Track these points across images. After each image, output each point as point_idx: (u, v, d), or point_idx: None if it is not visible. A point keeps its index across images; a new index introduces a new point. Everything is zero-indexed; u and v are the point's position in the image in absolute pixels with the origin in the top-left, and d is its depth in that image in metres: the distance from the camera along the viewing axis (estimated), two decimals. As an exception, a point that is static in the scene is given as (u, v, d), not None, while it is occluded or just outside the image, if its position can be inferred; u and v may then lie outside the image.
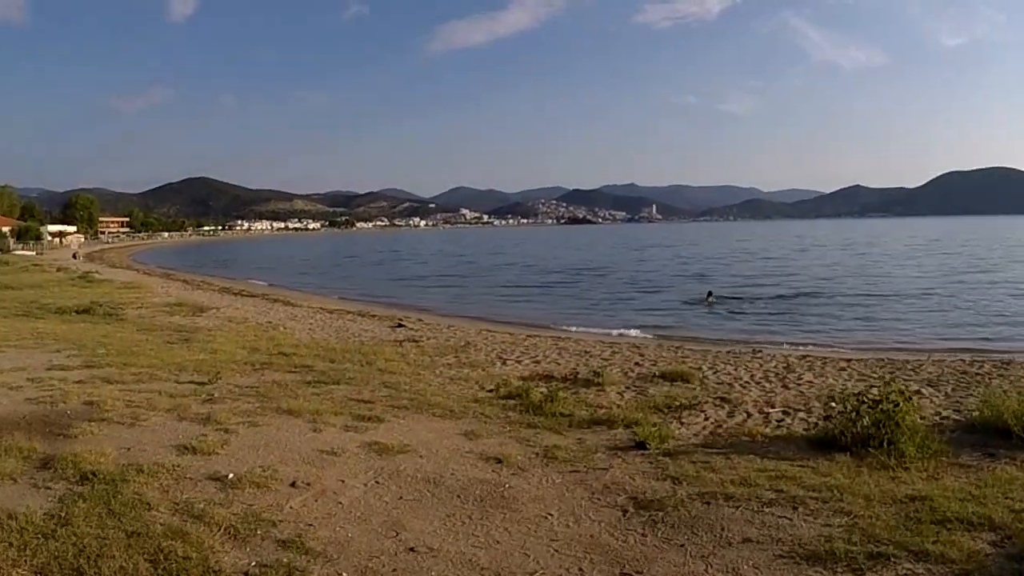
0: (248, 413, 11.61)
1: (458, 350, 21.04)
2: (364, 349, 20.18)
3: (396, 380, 15.45)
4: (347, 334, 24.70)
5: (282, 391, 13.65)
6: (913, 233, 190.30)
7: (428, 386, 14.98)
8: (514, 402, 13.24)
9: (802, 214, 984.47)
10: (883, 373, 17.70)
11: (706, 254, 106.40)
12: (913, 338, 28.45)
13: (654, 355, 20.93)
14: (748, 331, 30.33)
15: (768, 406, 13.62)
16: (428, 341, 22.96)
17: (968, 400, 14.25)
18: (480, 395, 14.19)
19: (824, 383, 16.23)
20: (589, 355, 20.76)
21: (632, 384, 15.92)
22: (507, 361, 19.28)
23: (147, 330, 23.44)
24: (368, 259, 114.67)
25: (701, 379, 16.48)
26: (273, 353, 18.70)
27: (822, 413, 12.73)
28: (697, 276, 62.06)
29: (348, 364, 17.41)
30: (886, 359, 20.73)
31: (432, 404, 12.89)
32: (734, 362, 19.42)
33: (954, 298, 41.82)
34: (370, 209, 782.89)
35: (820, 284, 51.36)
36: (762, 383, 16.21)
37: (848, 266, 70.53)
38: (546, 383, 15.50)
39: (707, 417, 12.68)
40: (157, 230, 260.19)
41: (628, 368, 18.28)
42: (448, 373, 16.95)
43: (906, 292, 45.33)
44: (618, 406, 13.28)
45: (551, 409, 12.39)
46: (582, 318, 35.24)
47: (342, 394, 13.62)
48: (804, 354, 21.65)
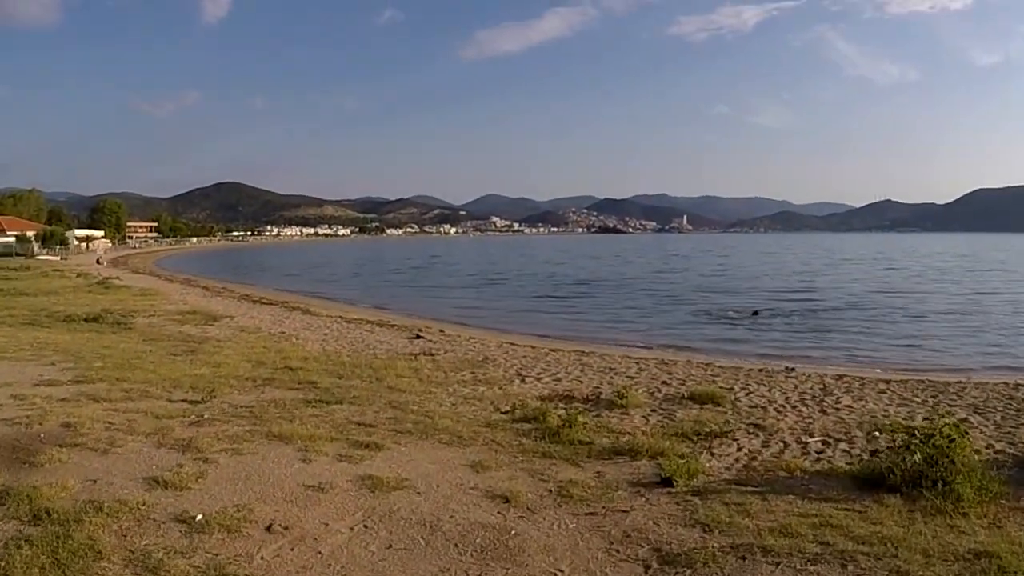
0: (234, 438, 10.77)
1: (475, 365, 19.99)
2: (375, 364, 19.19)
3: (404, 399, 14.52)
4: (361, 346, 23.79)
5: (278, 412, 12.83)
6: (944, 249, 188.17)
7: (438, 406, 13.98)
8: (530, 426, 12.27)
9: (832, 227, 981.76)
10: (926, 397, 16.68)
11: (737, 265, 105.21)
12: (950, 358, 27.43)
13: (683, 373, 19.86)
14: (781, 347, 29.30)
15: (806, 435, 12.51)
16: (445, 355, 21.94)
17: (1021, 431, 13.19)
18: (493, 418, 13.15)
19: (864, 408, 15.07)
20: (614, 372, 19.69)
21: (658, 406, 14.79)
22: (526, 378, 18.18)
23: (153, 340, 22.80)
24: (395, 266, 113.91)
25: (733, 401, 15.36)
26: (279, 367, 17.94)
27: (865, 444, 11.85)
28: (728, 289, 60.89)
29: (356, 380, 16.57)
30: (926, 381, 19.52)
31: (439, 429, 11.92)
32: (767, 382, 18.30)
33: (990, 316, 40.66)
34: (400, 215, 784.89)
35: (853, 299, 50.02)
36: (798, 407, 15.06)
37: (881, 281, 69.12)
38: (566, 404, 14.54)
39: (740, 447, 11.58)
40: (185, 235, 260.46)
41: (654, 387, 17.21)
42: (462, 391, 15.90)
43: (941, 309, 44.14)
44: (643, 432, 12.19)
45: (569, 436, 11.41)
46: (609, 331, 34.40)
47: (343, 416, 12.74)
48: (840, 374, 20.48)
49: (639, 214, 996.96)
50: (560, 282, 70.92)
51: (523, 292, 59.74)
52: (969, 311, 43.25)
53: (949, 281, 70.31)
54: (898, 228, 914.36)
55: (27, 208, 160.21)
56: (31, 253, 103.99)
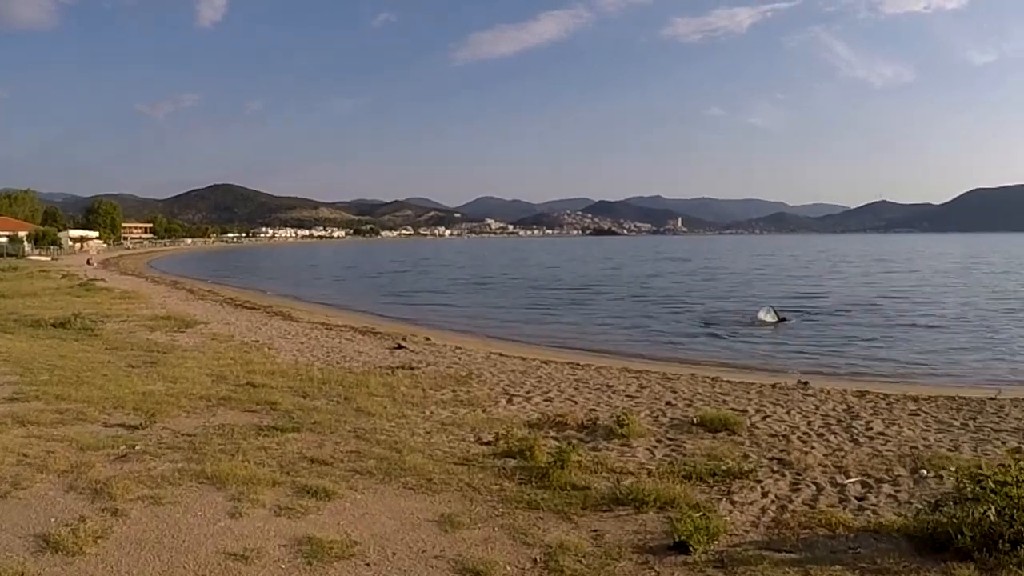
0: (159, 481, 9.11)
1: (458, 381, 18.00)
2: (348, 379, 17.26)
3: (373, 425, 12.67)
4: (337, 357, 21.97)
5: (222, 442, 11.13)
6: (944, 250, 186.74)
7: (410, 435, 12.11)
8: (515, 463, 10.42)
9: (828, 228, 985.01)
10: (964, 420, 14.79)
11: (735, 269, 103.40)
12: (971, 368, 25.86)
13: (688, 390, 17.93)
14: (790, 358, 27.68)
15: (841, 473, 10.60)
16: (426, 368, 20.00)
17: None
18: (472, 451, 11.25)
19: (900, 436, 13.14)
20: (612, 390, 17.73)
21: (664, 435, 12.85)
22: (513, 398, 16.22)
23: (116, 349, 21.32)
24: (387, 269, 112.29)
25: (749, 428, 13.39)
26: (240, 383, 16.22)
27: (912, 486, 10.01)
28: (729, 294, 58.69)
29: (322, 400, 14.75)
30: (957, 398, 17.60)
31: (407, 467, 10.05)
32: (784, 402, 16.40)
33: (1002, 322, 38.95)
34: (395, 218, 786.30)
35: (859, 305, 47.95)
36: (824, 435, 13.12)
37: (885, 285, 66.94)
38: (558, 432, 12.74)
39: (765, 491, 9.66)
40: (180, 236, 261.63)
41: (658, 409, 15.29)
42: (440, 415, 13.96)
43: (952, 315, 42.18)
44: (648, 472, 10.26)
45: (561, 478, 9.56)
46: (605, 340, 32.62)
47: (296, 448, 10.95)
48: (861, 390, 18.53)
49: (633, 216, 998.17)
50: (555, 286, 68.72)
51: (516, 297, 57.65)
52: (980, 316, 41.41)
53: (955, 284, 68.42)
54: (894, 229, 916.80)
55: (22, 208, 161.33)
56: (22, 253, 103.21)
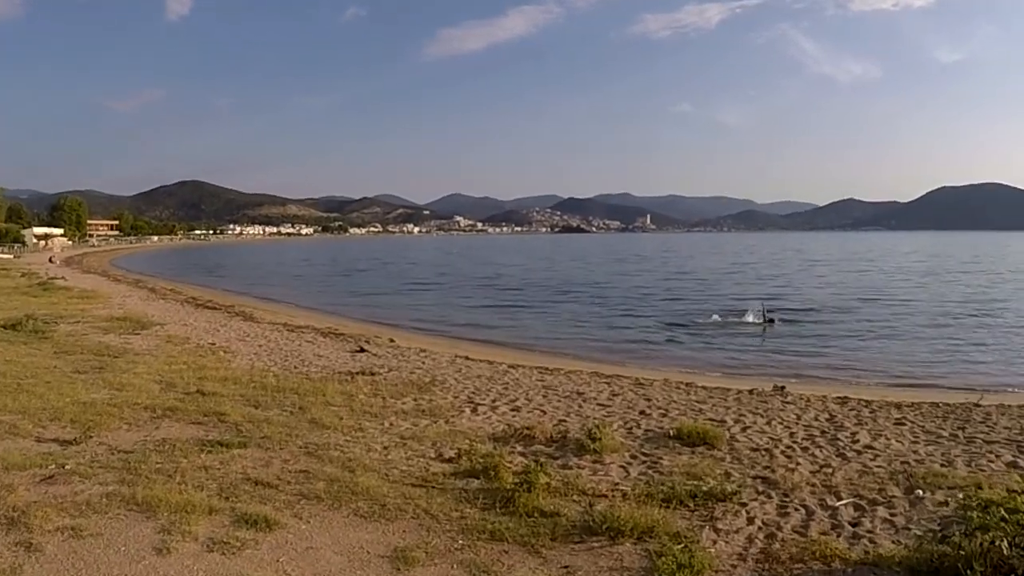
0: (83, 508, 8.26)
1: (420, 388, 17.05)
2: (304, 387, 16.34)
3: (326, 440, 11.77)
4: (296, 361, 20.98)
5: (161, 460, 10.23)
6: (915, 249, 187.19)
7: (366, 452, 11.19)
8: (477, 485, 9.57)
9: (796, 226, 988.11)
10: (952, 429, 14.10)
11: (707, 267, 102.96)
12: (949, 370, 25.68)
13: (662, 398, 17.09)
14: (765, 362, 27.18)
15: (831, 494, 9.80)
16: (388, 374, 19.04)
17: None
18: (433, 470, 10.33)
19: (889, 448, 12.37)
20: (583, 398, 16.85)
21: (639, 450, 11.97)
22: (479, 407, 15.27)
23: (65, 353, 20.27)
24: (355, 266, 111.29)
25: (729, 441, 12.55)
26: (190, 391, 15.33)
27: (908, 508, 9.24)
28: (697, 295, 57.98)
29: (274, 411, 13.87)
30: (941, 405, 16.96)
31: (359, 491, 9.16)
32: (763, 411, 15.60)
33: (974, 322, 38.87)
34: (364, 215, 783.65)
35: (832, 306, 47.31)
36: (809, 448, 12.31)
37: (857, 286, 66.37)
38: (525, 447, 11.89)
39: (751, 517, 8.82)
40: (147, 234, 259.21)
41: (632, 420, 14.44)
42: (399, 427, 13.04)
43: (925, 316, 41.79)
44: (623, 494, 9.39)
45: (528, 503, 8.69)
46: (575, 342, 31.93)
47: (240, 468, 10.03)
48: (841, 396, 17.87)
49: (602, 214, 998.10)
50: (525, 286, 67.93)
51: (483, 297, 56.58)
52: (953, 318, 41.10)
53: (927, 284, 68.16)
54: (861, 227, 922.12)
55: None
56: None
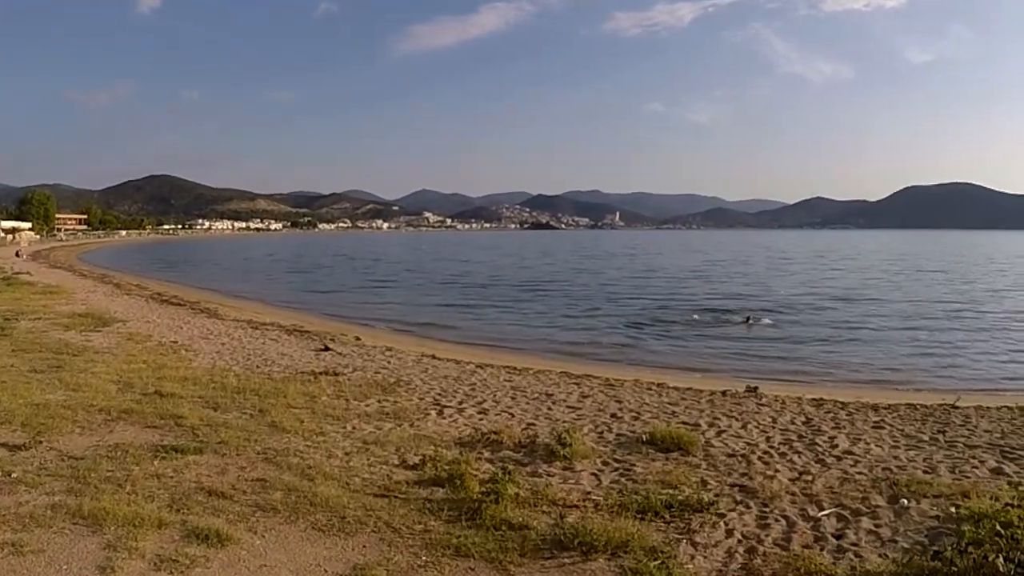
0: (27, 521, 7.80)
1: (385, 390, 16.52)
2: (265, 387, 15.78)
3: (286, 445, 11.23)
4: (259, 360, 20.34)
5: (112, 467, 9.75)
6: (883, 247, 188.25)
7: (327, 458, 10.67)
8: (442, 494, 9.11)
9: (764, 224, 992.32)
10: (932, 433, 13.78)
11: (676, 265, 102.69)
12: (923, 371, 25.46)
13: (634, 400, 16.65)
14: (737, 361, 26.89)
15: (812, 503, 9.40)
16: (352, 374, 18.47)
17: None
18: (396, 477, 9.84)
19: (869, 454, 12.00)
20: (552, 400, 16.39)
21: (611, 455, 11.50)
22: (444, 409, 14.76)
23: (23, 351, 19.60)
24: (323, 262, 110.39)
25: (704, 446, 12.11)
26: (148, 392, 14.73)
27: (892, 518, 8.86)
28: (667, 293, 57.50)
29: (234, 413, 13.30)
30: (919, 407, 16.62)
31: (318, 501, 8.68)
32: (738, 414, 15.19)
33: (948, 323, 38.60)
34: (333, 210, 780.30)
35: (804, 305, 47.06)
36: (787, 454, 11.89)
37: (827, 284, 66.37)
38: (492, 452, 11.40)
39: (730, 529, 8.41)
40: (115, 228, 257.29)
41: (602, 423, 13.99)
42: (363, 431, 12.52)
43: (897, 316, 41.79)
44: (595, 504, 8.95)
45: (495, 515, 8.24)
46: (544, 342, 31.49)
47: (194, 476, 9.54)
48: (817, 398, 17.47)
49: (572, 210, 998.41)
50: (495, 283, 67.45)
51: (452, 295, 55.84)
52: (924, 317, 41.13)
53: (898, 283, 68.17)
54: (829, 225, 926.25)
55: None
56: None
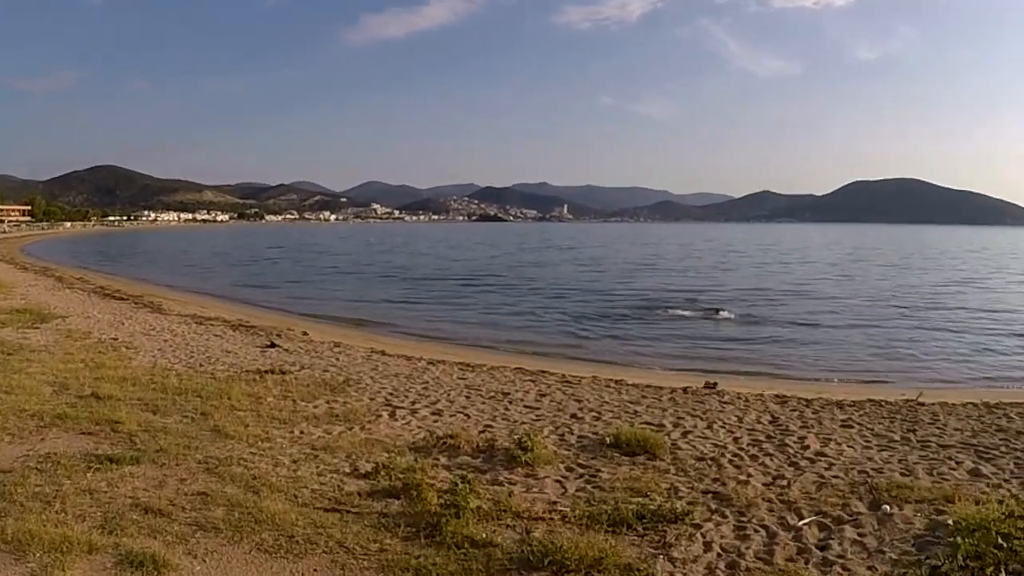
0: None
1: (334, 389, 15.79)
2: (208, 388, 14.96)
3: (229, 453, 10.49)
4: (202, 358, 19.54)
5: (40, 482, 8.92)
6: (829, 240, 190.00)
7: (273, 466, 9.96)
8: (398, 507, 8.48)
9: (711, 217, 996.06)
10: (903, 432, 13.44)
11: (625, 258, 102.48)
12: (880, 365, 25.54)
13: (593, 398, 16.12)
14: (694, 356, 26.57)
15: (791, 511, 8.87)
16: (299, 372, 17.72)
17: None
18: (347, 488, 9.16)
19: (842, 455, 11.53)
20: (508, 398, 15.82)
21: (575, 460, 10.91)
22: (397, 411, 14.06)
23: None
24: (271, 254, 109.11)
25: (671, 449, 11.57)
26: (84, 394, 13.86)
27: (876, 526, 8.39)
28: (617, 286, 57.15)
29: (174, 417, 12.51)
30: (882, 402, 16.34)
31: (263, 518, 7.98)
32: (702, 412, 14.71)
33: (902, 317, 38.88)
34: (280, 202, 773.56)
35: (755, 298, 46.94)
36: (759, 457, 11.37)
37: (780, 278, 66.28)
38: (449, 457, 10.78)
39: (708, 542, 7.85)
40: (60, 219, 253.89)
41: (563, 424, 13.44)
42: (311, 435, 11.80)
43: (848, 309, 41.97)
44: (563, 516, 8.35)
45: (457, 530, 7.60)
46: (497, 336, 30.86)
47: (129, 490, 8.78)
48: (780, 395, 17.06)
49: (520, 202, 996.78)
50: (443, 276, 66.76)
51: (401, 288, 55.19)
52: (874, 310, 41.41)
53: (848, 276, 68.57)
54: (777, 219, 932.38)
55: None
56: None
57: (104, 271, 65.11)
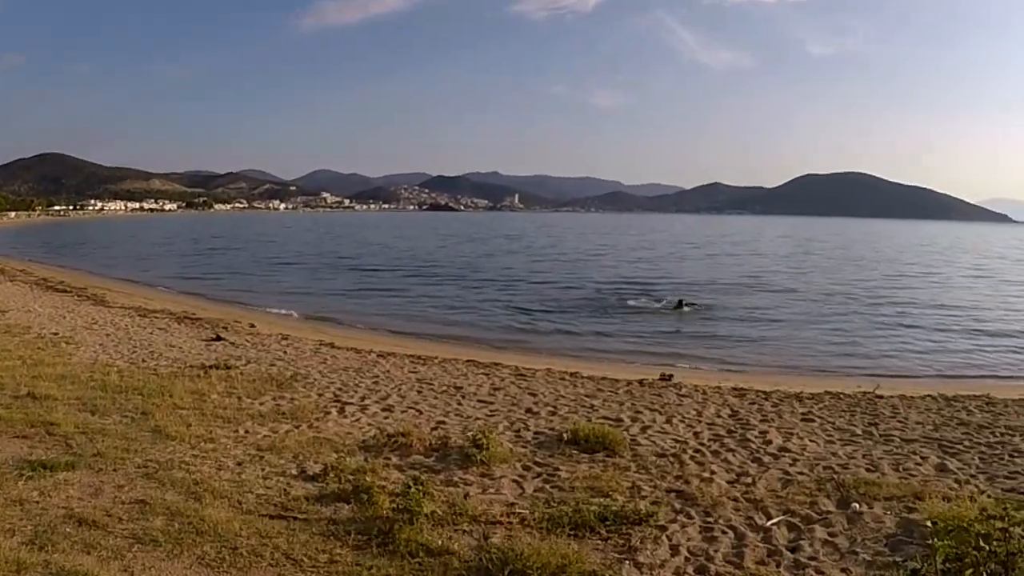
0: None
1: (281, 385, 15.25)
2: (150, 385, 14.34)
3: (170, 455, 9.94)
4: (145, 353, 18.85)
5: (-32, 492, 8.24)
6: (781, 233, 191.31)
7: (216, 470, 9.45)
8: (348, 511, 8.04)
9: (662, 208, 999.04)
10: (864, 425, 13.30)
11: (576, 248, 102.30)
12: (835, 356, 25.68)
13: (548, 391, 15.80)
14: (647, 348, 26.35)
15: (758, 510, 8.56)
16: (245, 367, 17.15)
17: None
18: (294, 493, 8.68)
19: (806, 450, 11.26)
20: (461, 393, 15.42)
21: (532, 458, 10.52)
22: (346, 407, 13.59)
23: None
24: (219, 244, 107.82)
25: (630, 445, 11.22)
26: (20, 394, 13.13)
27: (846, 525, 8.16)
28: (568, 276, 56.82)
29: (114, 417, 11.90)
30: (841, 395, 16.30)
31: (206, 528, 7.45)
32: (660, 406, 14.44)
33: (854, 309, 38.97)
34: (229, 190, 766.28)
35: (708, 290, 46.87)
36: (720, 452, 11.07)
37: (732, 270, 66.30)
38: (401, 457, 10.34)
39: (675, 545, 7.52)
40: (4, 209, 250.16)
41: (518, 419, 13.07)
42: (257, 434, 11.29)
43: (804, 299, 42.51)
44: (521, 519, 7.97)
45: (409, 537, 7.19)
46: (449, 328, 30.54)
47: (64, 500, 8.22)
48: (738, 388, 16.90)
49: (471, 192, 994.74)
50: (393, 265, 66.30)
51: (351, 277, 54.93)
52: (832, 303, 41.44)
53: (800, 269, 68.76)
54: (727, 211, 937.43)
55: None
56: None
57: (48, 262, 63.62)
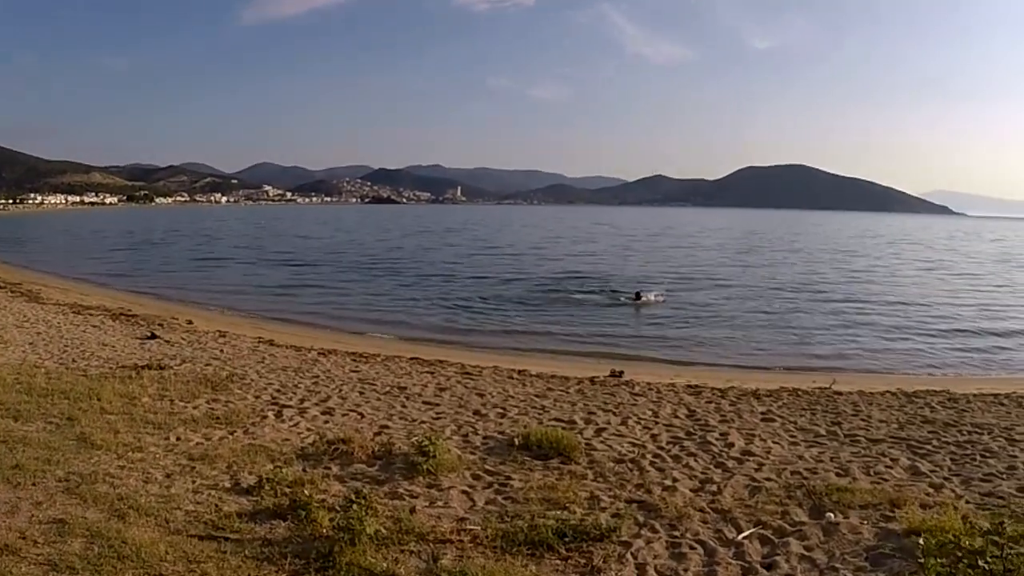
0: None
1: (216, 386, 14.47)
2: (79, 388, 13.46)
3: (95, 467, 9.17)
4: (76, 352, 18.02)
5: None
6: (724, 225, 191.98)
7: (143, 484, 8.69)
8: (285, 530, 7.40)
9: (605, 200, 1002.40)
10: (827, 425, 12.95)
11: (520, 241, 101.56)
12: (788, 352, 25.24)
13: (496, 392, 15.25)
14: (593, 344, 25.86)
15: (726, 521, 8.03)
16: (180, 367, 16.37)
17: (1001, 487, 9.52)
18: (227, 508, 7.97)
19: (770, 454, 10.79)
20: (405, 393, 14.79)
21: (482, 465, 9.91)
22: (284, 410, 12.89)
23: None
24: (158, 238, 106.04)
25: (585, 450, 10.65)
26: (-62, 400, 12.18)
27: (822, 537, 7.65)
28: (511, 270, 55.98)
29: (37, 423, 11.08)
30: (798, 391, 16.00)
31: (128, 553, 6.72)
32: (614, 406, 13.93)
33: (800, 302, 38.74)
34: (170, 184, 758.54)
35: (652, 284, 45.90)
36: (681, 457, 10.54)
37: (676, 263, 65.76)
38: (342, 466, 9.71)
39: (641, 564, 6.95)
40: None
41: (466, 422, 12.47)
42: (188, 442, 10.53)
43: (750, 293, 42.07)
44: (473, 537, 7.34)
45: (351, 560, 6.57)
46: (391, 324, 29.75)
47: (-28, 518, 7.41)
48: (692, 385, 16.49)
49: (413, 185, 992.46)
50: (334, 259, 65.22)
51: (291, 272, 53.82)
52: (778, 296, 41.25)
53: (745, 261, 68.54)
54: (670, 203, 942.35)
55: None
56: None
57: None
